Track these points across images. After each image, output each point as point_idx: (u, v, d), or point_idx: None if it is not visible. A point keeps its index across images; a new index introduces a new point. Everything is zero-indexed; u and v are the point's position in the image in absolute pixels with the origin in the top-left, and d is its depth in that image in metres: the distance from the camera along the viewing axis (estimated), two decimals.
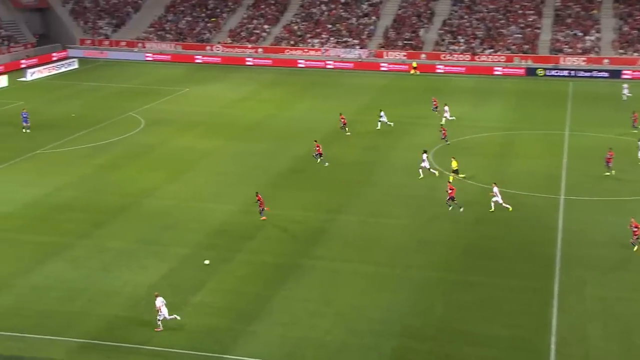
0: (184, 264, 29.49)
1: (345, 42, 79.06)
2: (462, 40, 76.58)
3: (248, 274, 28.75)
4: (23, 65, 72.71)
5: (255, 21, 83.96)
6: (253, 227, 33.36)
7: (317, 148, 42.21)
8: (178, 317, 25.02)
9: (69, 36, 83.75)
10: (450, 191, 34.92)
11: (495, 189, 35.15)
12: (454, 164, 39.79)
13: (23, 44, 79.11)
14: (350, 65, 75.87)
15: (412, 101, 60.19)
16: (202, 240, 31.78)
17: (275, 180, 40.02)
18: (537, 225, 33.69)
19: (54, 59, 77.49)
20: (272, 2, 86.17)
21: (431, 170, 39.90)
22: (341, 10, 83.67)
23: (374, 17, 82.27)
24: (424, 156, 39.98)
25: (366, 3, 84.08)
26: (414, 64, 73.79)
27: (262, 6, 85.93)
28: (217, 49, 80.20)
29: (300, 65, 76.76)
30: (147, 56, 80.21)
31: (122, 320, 25.19)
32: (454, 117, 52.10)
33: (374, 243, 31.85)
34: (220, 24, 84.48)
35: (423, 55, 75.55)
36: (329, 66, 75.77)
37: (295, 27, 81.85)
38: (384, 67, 74.73)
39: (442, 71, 73.32)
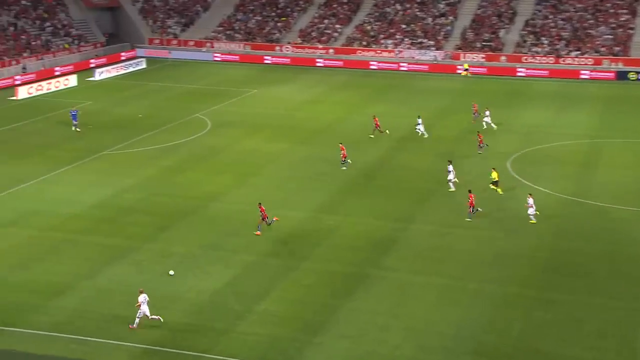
0: (248, 271, 29.85)
1: (420, 43, 78.54)
2: (545, 42, 74.89)
3: (314, 283, 28.86)
4: (92, 65, 75.35)
5: (326, 21, 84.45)
6: (320, 234, 33.48)
7: (342, 152, 42.30)
8: (161, 319, 25.32)
9: (137, 35, 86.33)
10: (470, 200, 34.56)
11: (530, 200, 34.29)
12: (494, 175, 38.25)
13: (93, 43, 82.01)
14: (425, 67, 75.30)
15: (489, 106, 59.18)
16: (267, 247, 32.10)
17: (344, 186, 40.05)
18: (625, 240, 32.55)
19: (123, 58, 79.99)
20: (345, 1, 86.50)
21: (454, 181, 38.43)
22: (417, 10, 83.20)
23: (451, 17, 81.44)
24: (450, 167, 38.77)
25: (443, 2, 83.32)
26: (466, 66, 73.08)
27: (334, 5, 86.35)
28: (287, 49, 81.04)
29: (372, 67, 76.70)
30: (216, 56, 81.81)
31: (184, 326, 25.69)
32: (494, 126, 50.60)
33: (447, 254, 31.46)
34: (291, 24, 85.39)
35: (503, 58, 74.27)
36: (402, 68, 75.43)
37: (368, 27, 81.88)
38: (461, 69, 73.79)
39: (523, 74, 71.88)
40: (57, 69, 71.82)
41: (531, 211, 34.38)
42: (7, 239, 32.37)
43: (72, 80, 67.62)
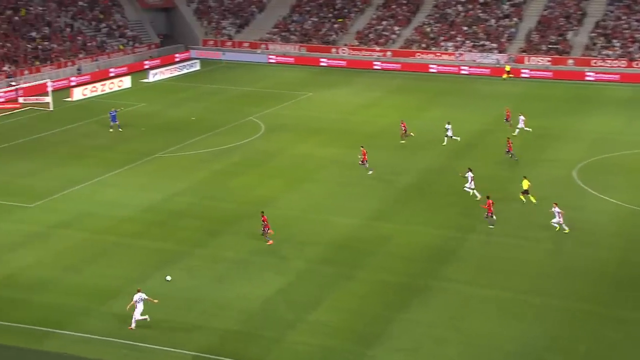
0: (300, 279, 29.89)
1: (483, 45, 77.61)
2: (617, 44, 73.07)
3: (368, 293, 28.70)
4: (146, 66, 76.86)
5: (384, 22, 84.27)
6: (376, 242, 33.32)
7: (363, 155, 42.35)
8: (148, 319, 25.91)
9: (192, 36, 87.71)
10: (488, 207, 34.58)
11: (557, 209, 33.52)
12: (525, 184, 37.62)
13: (147, 44, 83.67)
14: (487, 71, 74.37)
15: (555, 111, 58.06)
16: (320, 255, 32.11)
17: (401, 193, 39.79)
18: None
19: (177, 60, 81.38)
20: (404, 2, 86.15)
21: (467, 189, 38.16)
22: (479, 11, 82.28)
23: (515, 19, 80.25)
24: (470, 175, 38.27)
25: (508, 3, 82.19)
26: (507, 68, 72.17)
27: (393, 6, 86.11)
28: (343, 51, 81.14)
29: (431, 70, 76.14)
30: (270, 58, 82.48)
31: (234, 334, 25.86)
32: (530, 129, 49.85)
33: (510, 267, 30.90)
34: (347, 25, 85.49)
35: (570, 61, 72.78)
36: (463, 72, 74.65)
37: (428, 29, 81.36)
38: (525, 73, 72.64)
39: (592, 79, 70.29)
40: (111, 70, 73.52)
41: (555, 221, 33.67)
42: (61, 241, 33.19)
43: (126, 82, 69.09)
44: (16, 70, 65.73)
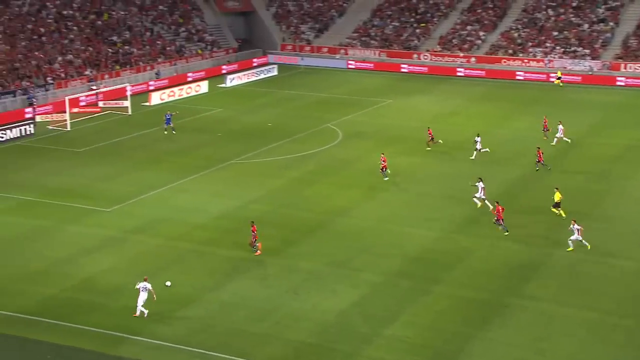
0: (377, 292, 29.88)
1: (574, 51, 75.85)
2: None
3: (447, 309, 28.46)
4: (224, 71, 78.48)
5: (469, 27, 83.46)
6: (455, 256, 33.00)
7: (383, 162, 42.66)
8: (145, 314, 27.38)
9: (270, 41, 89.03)
10: (498, 213, 35.07)
11: (575, 226, 32.52)
12: (557, 197, 36.97)
13: (225, 49, 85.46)
14: (578, 78, 72.62)
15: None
16: (398, 268, 32.03)
17: (483, 206, 39.24)
18: None
19: (254, 64, 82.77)
20: (490, 6, 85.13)
21: (476, 200, 38.15)
22: (571, 15, 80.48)
23: (611, 23, 78.10)
24: (480, 185, 38.06)
25: (603, 7, 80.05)
26: (559, 74, 71.38)
27: (479, 10, 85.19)
28: (425, 57, 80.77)
29: (518, 77, 74.92)
30: (350, 64, 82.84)
31: (308, 347, 26.06)
32: (569, 140, 48.54)
33: (599, 286, 30.07)
34: (430, 30, 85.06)
35: None
36: (552, 79, 73.08)
37: (515, 34, 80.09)
38: (621, 81, 70.52)
39: None
40: (189, 74, 75.40)
41: (573, 238, 32.74)
42: (136, 246, 34.23)
43: (204, 87, 70.72)
44: (97, 74, 68.24)
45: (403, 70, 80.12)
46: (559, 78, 71.63)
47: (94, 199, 40.15)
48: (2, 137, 51.97)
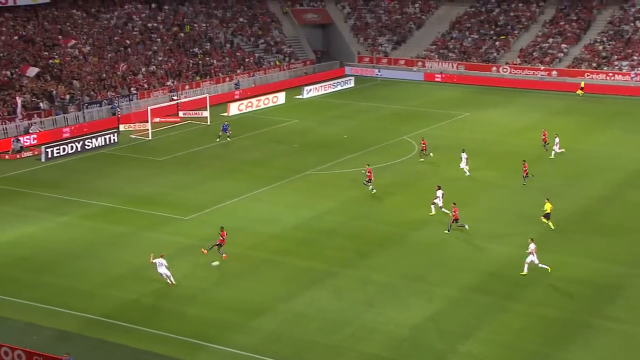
0: (452, 307, 29.33)
1: None
2: None
3: (525, 327, 27.67)
4: (301, 83, 78.97)
5: (551, 40, 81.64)
6: (535, 273, 32.08)
7: (369, 173, 42.65)
8: (173, 281, 30.38)
9: (348, 53, 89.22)
10: (454, 213, 36.31)
11: (531, 246, 31.60)
12: (547, 207, 36.88)
13: (303, 60, 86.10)
14: None
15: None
16: (474, 283, 31.39)
17: (563, 222, 38.14)
18: None
19: (331, 76, 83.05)
20: (574, 18, 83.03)
21: (435, 205, 39.01)
22: None
23: None
24: (439, 192, 38.84)
25: None
26: (582, 84, 70.38)
27: (561, 22, 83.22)
28: (504, 70, 79.42)
29: (601, 91, 72.71)
30: (427, 76, 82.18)
31: None
32: (563, 150, 48.27)
33: None
34: (510, 43, 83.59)
35: None
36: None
37: (600, 47, 77.82)
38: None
39: None
40: (267, 86, 76.22)
41: (529, 259, 31.56)
42: (211, 255, 34.60)
43: (281, 98, 71.33)
44: (178, 85, 69.77)
45: (481, 83, 78.92)
46: (581, 88, 71.04)
47: (172, 207, 40.89)
48: (89, 145, 53.62)
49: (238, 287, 31.34)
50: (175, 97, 66.87)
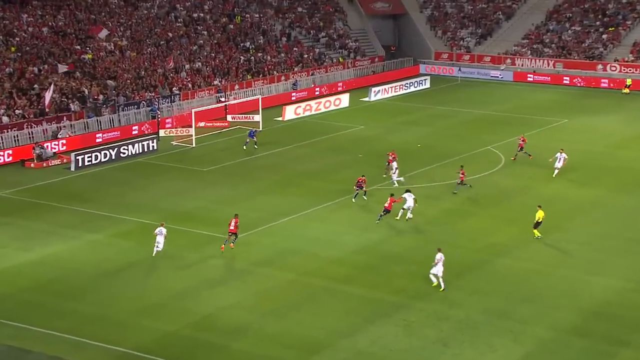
0: (544, 351, 28.92)
1: None
2: None
3: None
4: (368, 83, 79.22)
5: None
6: None
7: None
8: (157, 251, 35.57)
9: (423, 48, 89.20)
10: (388, 204, 40.60)
11: (438, 256, 33.75)
12: (539, 215, 38.50)
13: (370, 57, 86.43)
14: None
15: None
16: (572, 323, 30.90)
17: None
18: None
19: (403, 76, 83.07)
20: None
21: (408, 214, 41.50)
22: None
23: None
24: (407, 195, 41.45)
25: None
26: (629, 82, 71.10)
27: None
28: (613, 68, 78.19)
29: None
30: (517, 75, 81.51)
31: None
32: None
33: None
34: (621, 35, 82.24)
35: None
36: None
37: None
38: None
39: None
40: (328, 86, 76.71)
41: (434, 270, 33.65)
42: (263, 281, 34.91)
43: (344, 100, 71.68)
44: (226, 85, 70.81)
45: (583, 84, 77.76)
46: (627, 86, 71.74)
47: (217, 225, 41.36)
48: (124, 153, 54.79)
49: (292, 320, 31.51)
50: (223, 99, 67.87)
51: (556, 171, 48.63)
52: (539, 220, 38.88)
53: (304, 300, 33.17)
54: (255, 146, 56.65)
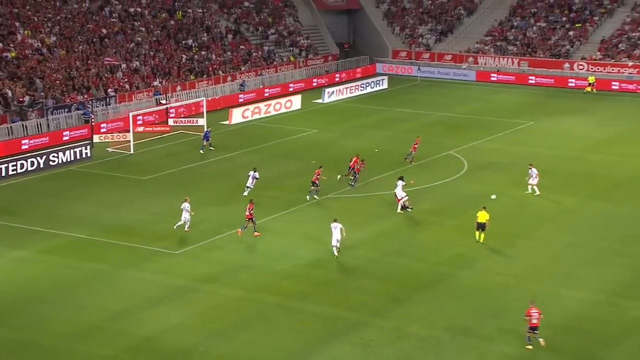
0: None
1: None
2: None
3: None
4: (321, 83, 79.46)
5: None
6: (621, 327, 31.98)
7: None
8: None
9: (380, 46, 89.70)
10: (316, 176, 45.72)
11: (335, 225, 38.13)
12: (482, 217, 39.79)
13: (323, 55, 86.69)
14: None
15: None
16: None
17: None
18: None
19: (358, 75, 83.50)
20: None
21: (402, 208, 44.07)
22: None
23: None
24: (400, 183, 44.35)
25: None
26: (591, 79, 73.34)
27: None
28: (580, 67, 79.47)
29: None
30: (480, 75, 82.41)
31: None
32: (535, 189, 47.06)
33: None
34: (588, 32, 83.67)
35: None
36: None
37: None
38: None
39: None
40: (277, 87, 76.76)
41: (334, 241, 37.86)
42: (209, 299, 34.77)
43: (296, 102, 71.83)
44: (167, 86, 70.46)
45: (549, 83, 78.96)
46: (590, 84, 73.65)
47: (159, 239, 41.16)
48: (54, 161, 54.15)
49: (241, 341, 31.44)
50: (163, 101, 67.53)
51: (530, 187, 47.44)
52: (482, 222, 39.84)
53: (254, 320, 33.12)
54: (211, 148, 57.01)
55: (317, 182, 46.45)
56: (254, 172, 46.63)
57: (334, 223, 38.88)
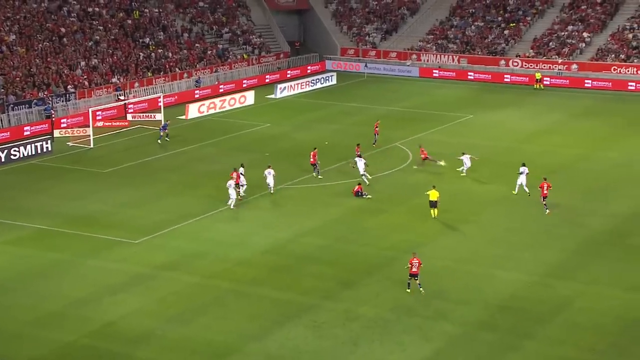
0: (452, 346, 29.56)
1: None
2: None
3: None
4: (273, 80, 79.31)
5: (570, 27, 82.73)
6: (551, 306, 32.45)
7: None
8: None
9: (329, 44, 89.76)
10: (312, 159, 48.13)
11: (268, 171, 41.23)
12: (433, 195, 41.68)
13: (275, 53, 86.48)
14: None
15: None
16: (478, 317, 31.66)
17: (586, 244, 38.67)
18: None
19: (309, 72, 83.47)
20: (598, 1, 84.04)
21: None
22: None
23: None
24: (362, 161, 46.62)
25: None
26: (538, 75, 74.54)
27: (583, 7, 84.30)
28: (515, 64, 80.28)
29: (630, 87, 73.74)
30: (423, 71, 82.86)
31: None
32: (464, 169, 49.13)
33: None
34: (522, 31, 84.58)
35: None
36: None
37: (630, 36, 78.87)
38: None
39: None
40: (232, 83, 76.44)
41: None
42: (167, 285, 34.60)
43: (249, 98, 71.60)
44: (125, 83, 69.78)
45: (487, 79, 79.71)
46: (537, 80, 74.75)
47: (119, 229, 40.83)
48: (15, 155, 53.42)
49: (198, 324, 31.34)
50: (122, 97, 66.95)
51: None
52: (433, 200, 41.70)
53: (210, 304, 33.04)
54: (167, 139, 57.04)
55: (315, 163, 48.73)
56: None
57: (268, 169, 45.03)
